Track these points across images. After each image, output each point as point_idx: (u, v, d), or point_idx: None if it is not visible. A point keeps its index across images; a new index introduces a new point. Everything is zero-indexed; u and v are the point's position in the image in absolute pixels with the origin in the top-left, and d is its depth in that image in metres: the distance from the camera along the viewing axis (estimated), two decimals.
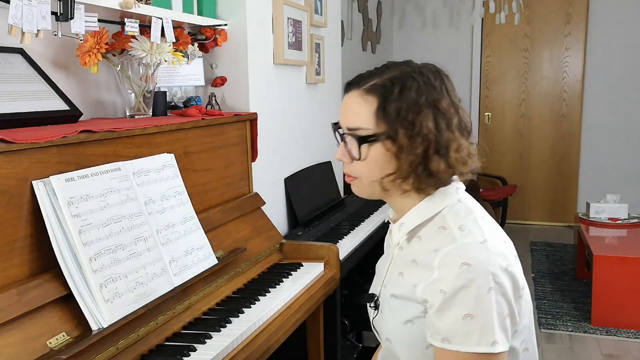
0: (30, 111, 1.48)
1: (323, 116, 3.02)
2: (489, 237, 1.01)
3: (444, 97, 1.05)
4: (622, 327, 3.34)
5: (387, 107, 1.03)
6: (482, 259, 0.97)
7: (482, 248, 0.99)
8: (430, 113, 1.02)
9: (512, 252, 1.05)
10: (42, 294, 1.19)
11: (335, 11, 3.18)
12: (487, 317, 0.96)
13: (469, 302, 0.96)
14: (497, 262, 0.98)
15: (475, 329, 0.95)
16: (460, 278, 0.96)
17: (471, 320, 0.95)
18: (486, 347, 0.95)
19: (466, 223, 1.03)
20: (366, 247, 2.49)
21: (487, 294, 0.96)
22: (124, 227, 1.37)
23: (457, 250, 0.99)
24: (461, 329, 0.96)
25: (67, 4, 1.44)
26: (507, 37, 5.56)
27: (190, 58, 2.02)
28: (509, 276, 0.99)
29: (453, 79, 1.13)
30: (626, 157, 5.36)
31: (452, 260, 0.98)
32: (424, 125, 1.02)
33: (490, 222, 1.08)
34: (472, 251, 0.98)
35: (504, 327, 0.98)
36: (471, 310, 0.95)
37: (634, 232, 3.91)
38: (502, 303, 0.97)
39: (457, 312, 0.96)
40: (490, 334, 0.95)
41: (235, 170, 2.04)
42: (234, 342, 1.41)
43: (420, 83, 1.04)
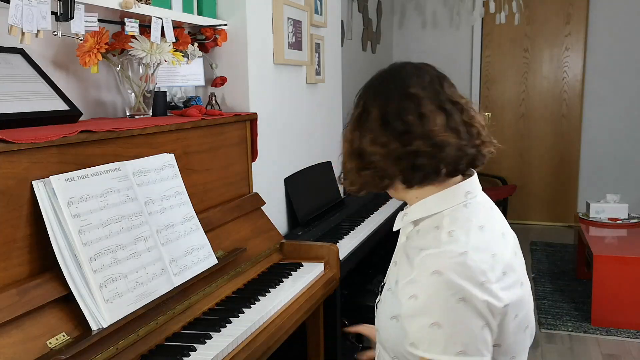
0: (30, 111, 1.48)
1: (323, 116, 3.02)
2: (472, 249, 0.99)
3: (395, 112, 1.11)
4: (622, 327, 3.34)
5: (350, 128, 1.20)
6: (456, 270, 0.96)
7: (459, 259, 0.97)
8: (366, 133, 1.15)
9: (501, 268, 1.01)
10: (42, 294, 1.19)
11: (335, 11, 3.18)
12: (455, 327, 0.95)
13: (437, 311, 0.96)
14: (472, 276, 0.96)
15: (441, 338, 0.95)
16: (430, 286, 0.96)
17: (438, 328, 0.95)
18: (450, 356, 0.95)
19: (457, 230, 1.03)
20: (366, 247, 2.49)
21: (455, 304, 0.95)
22: (123, 227, 1.37)
23: (435, 256, 0.99)
24: (427, 336, 0.96)
25: (67, 4, 1.44)
26: (507, 37, 5.56)
27: (190, 58, 2.02)
28: (485, 292, 0.96)
29: (453, 79, 1.15)
30: (626, 157, 5.36)
31: (427, 265, 0.98)
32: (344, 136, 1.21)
33: (488, 233, 1.05)
34: (447, 260, 0.97)
35: (480, 338, 0.96)
36: (438, 319, 0.95)
37: (634, 232, 3.91)
38: (473, 315, 0.96)
39: (425, 320, 0.96)
40: (456, 344, 0.95)
41: (235, 170, 2.04)
42: (234, 342, 1.41)
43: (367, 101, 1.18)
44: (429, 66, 1.15)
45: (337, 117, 3.27)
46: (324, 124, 3.03)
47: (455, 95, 1.11)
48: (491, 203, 1.15)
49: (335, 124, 3.24)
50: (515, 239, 1.15)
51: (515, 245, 1.13)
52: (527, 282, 1.09)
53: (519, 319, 1.03)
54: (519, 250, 1.15)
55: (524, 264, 1.13)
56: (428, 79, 1.10)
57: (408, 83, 1.10)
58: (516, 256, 1.09)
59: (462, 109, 1.10)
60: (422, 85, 1.09)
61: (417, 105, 1.07)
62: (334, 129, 3.21)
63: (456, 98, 1.10)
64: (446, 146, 1.05)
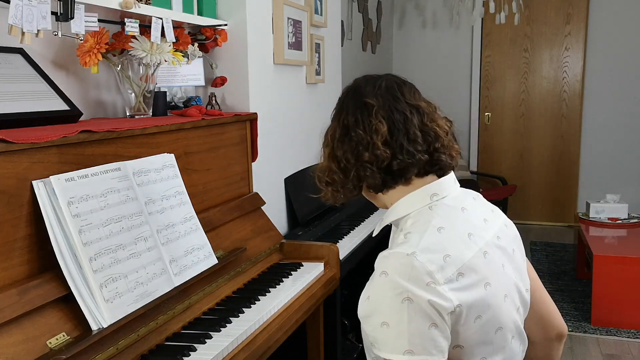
0: (30, 111, 1.48)
1: (323, 116, 3.02)
2: (422, 250, 1.00)
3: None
4: (622, 327, 3.34)
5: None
6: (400, 270, 0.98)
7: (405, 260, 0.99)
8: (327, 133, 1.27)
9: (452, 270, 1.00)
10: (42, 294, 1.19)
11: (335, 11, 3.18)
12: (401, 326, 0.96)
13: (383, 310, 0.98)
14: (417, 277, 0.97)
15: (390, 337, 0.98)
16: (379, 287, 0.99)
17: (387, 328, 0.98)
18: (397, 355, 0.97)
19: (413, 232, 1.05)
20: (366, 247, 2.49)
21: (401, 303, 0.96)
22: (124, 227, 1.37)
23: (385, 257, 1.02)
24: (379, 335, 0.99)
25: (67, 4, 1.44)
26: (507, 37, 5.56)
27: (190, 58, 2.02)
28: (430, 292, 0.97)
29: (453, 79, 1.16)
30: (626, 157, 5.36)
31: (378, 266, 1.02)
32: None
33: (446, 235, 1.05)
34: (394, 261, 1.00)
35: (427, 336, 0.96)
36: (386, 319, 0.98)
37: (634, 232, 3.91)
38: (419, 313, 0.96)
39: (376, 319, 0.99)
40: (403, 343, 0.96)
41: (235, 170, 2.04)
42: (234, 342, 1.41)
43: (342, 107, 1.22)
44: (390, 75, 1.18)
45: None
46: (324, 124, 3.02)
47: (415, 99, 1.13)
48: (464, 204, 1.13)
49: None
50: (502, 236, 1.14)
51: (491, 243, 1.10)
52: (501, 284, 1.07)
53: (484, 321, 1.03)
54: (506, 241, 1.14)
55: (505, 264, 1.11)
56: (384, 86, 1.13)
57: (364, 93, 1.13)
58: (486, 257, 1.07)
59: (422, 112, 1.11)
60: (375, 94, 1.12)
61: (368, 115, 1.11)
62: None
63: (416, 102, 1.12)
64: (385, 159, 1.09)
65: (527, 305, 1.18)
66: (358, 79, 1.19)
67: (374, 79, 1.16)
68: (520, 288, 1.14)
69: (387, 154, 1.08)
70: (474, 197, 1.18)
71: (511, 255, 1.14)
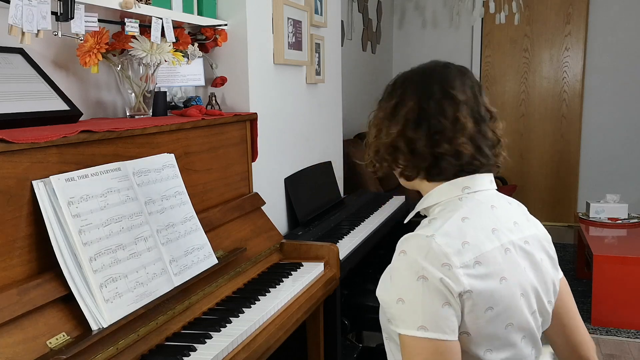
0: (30, 111, 1.48)
1: (323, 116, 3.02)
2: (441, 234, 1.04)
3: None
4: (622, 327, 3.34)
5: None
6: (418, 250, 1.02)
7: (424, 241, 1.03)
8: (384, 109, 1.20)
9: (470, 256, 1.02)
10: (42, 294, 1.19)
11: (335, 11, 3.18)
12: (415, 302, 1.00)
13: (400, 287, 1.02)
14: (434, 257, 1.01)
15: (405, 312, 1.01)
16: (397, 265, 1.04)
17: (402, 304, 1.01)
18: (412, 330, 1.00)
19: (438, 219, 1.09)
20: (366, 247, 2.49)
21: (416, 281, 1.00)
22: (124, 227, 1.37)
23: (406, 239, 1.06)
24: (395, 311, 1.03)
25: (67, 4, 1.44)
26: (507, 37, 5.55)
27: (190, 58, 2.02)
28: (445, 274, 1.00)
29: None
30: (626, 157, 5.36)
31: (399, 247, 1.05)
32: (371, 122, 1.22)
33: (469, 225, 1.07)
34: (413, 242, 1.04)
35: (441, 315, 0.99)
36: (402, 295, 1.01)
37: (634, 232, 3.91)
38: (433, 293, 0.99)
39: (393, 295, 1.03)
40: (417, 319, 0.99)
41: (235, 170, 2.04)
42: (234, 342, 1.41)
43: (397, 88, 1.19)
44: (470, 72, 1.19)
45: (337, 117, 3.27)
46: (324, 124, 3.03)
47: (489, 104, 1.17)
48: (495, 203, 1.15)
49: (335, 124, 3.24)
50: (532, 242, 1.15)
51: (517, 245, 1.11)
52: (519, 282, 1.08)
53: (495, 313, 1.04)
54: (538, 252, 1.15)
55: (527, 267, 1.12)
56: (469, 84, 1.14)
57: (452, 85, 1.13)
58: (507, 254, 1.08)
59: (494, 118, 1.16)
60: (463, 90, 1.13)
61: (454, 108, 1.11)
62: (334, 129, 3.21)
63: (490, 107, 1.16)
64: (465, 155, 1.11)
65: (548, 316, 1.18)
66: (439, 65, 1.17)
67: (459, 72, 1.15)
68: (541, 295, 1.14)
69: (469, 152, 1.11)
70: (509, 202, 1.20)
71: (538, 263, 1.14)
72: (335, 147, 3.21)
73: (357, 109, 4.52)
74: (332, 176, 3.01)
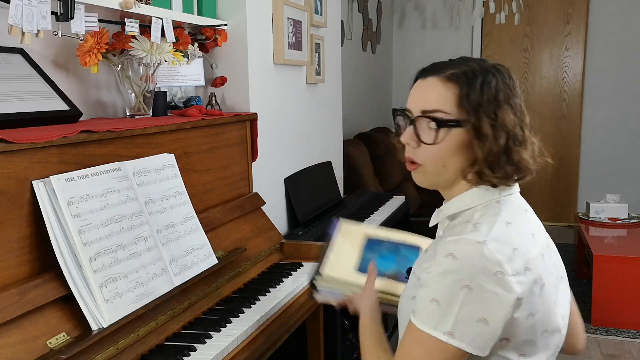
0: (30, 111, 1.48)
1: (323, 116, 3.02)
2: (492, 239, 1.00)
3: (517, 97, 1.10)
4: (622, 327, 3.34)
5: (470, 96, 1.04)
6: (470, 257, 0.97)
7: (476, 247, 0.98)
8: (508, 109, 1.07)
9: (522, 263, 1.01)
10: (42, 294, 1.19)
11: (335, 11, 3.18)
12: (451, 309, 0.97)
13: (440, 289, 0.98)
14: (486, 266, 0.97)
15: (435, 314, 0.98)
16: (442, 265, 0.99)
17: (436, 305, 0.98)
18: (438, 333, 0.97)
19: (483, 222, 1.04)
20: None
21: (459, 289, 0.96)
22: (124, 227, 1.37)
23: (454, 242, 1.01)
24: (426, 308, 0.99)
25: (67, 4, 1.44)
26: (507, 37, 5.56)
27: (190, 58, 2.02)
28: (498, 283, 0.97)
29: None
30: (626, 157, 5.36)
31: (444, 249, 1.01)
32: (505, 119, 1.06)
33: (514, 229, 1.05)
34: (464, 247, 0.99)
35: (473, 329, 0.96)
36: (438, 297, 0.98)
37: (634, 232, 3.91)
38: (473, 304, 0.96)
39: (429, 292, 0.99)
40: (446, 324, 0.97)
41: (235, 170, 2.04)
42: (234, 342, 1.41)
43: (498, 80, 1.07)
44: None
45: (337, 117, 3.27)
46: (324, 124, 3.03)
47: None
48: (527, 206, 1.15)
49: (335, 124, 3.24)
50: (550, 245, 1.16)
51: (547, 248, 1.12)
52: (555, 289, 1.08)
53: (536, 320, 1.03)
54: (553, 255, 1.16)
55: (557, 272, 1.13)
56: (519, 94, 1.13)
57: (514, 85, 1.11)
58: (544, 259, 1.07)
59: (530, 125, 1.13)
60: (519, 93, 1.12)
61: (522, 109, 1.11)
62: (334, 129, 3.21)
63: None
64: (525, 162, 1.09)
65: (568, 318, 1.18)
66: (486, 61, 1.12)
67: (501, 67, 1.12)
68: (568, 298, 1.16)
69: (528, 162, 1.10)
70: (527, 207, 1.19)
71: (557, 264, 1.16)
72: (335, 147, 3.21)
73: (357, 109, 4.52)
74: (332, 176, 3.01)
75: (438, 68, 1.09)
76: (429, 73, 1.09)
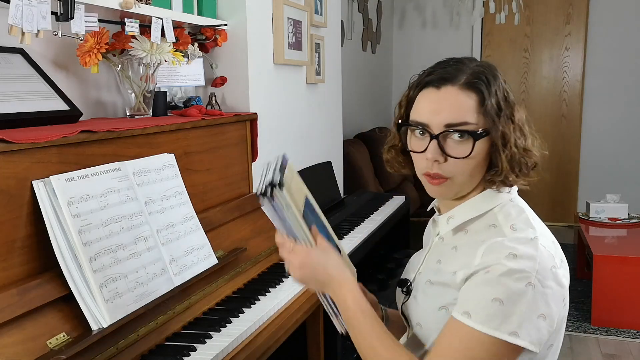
0: (30, 111, 1.48)
1: (323, 116, 3.02)
2: (540, 235, 1.01)
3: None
4: (622, 327, 3.34)
5: (488, 103, 1.02)
6: (531, 254, 0.97)
7: (532, 244, 0.98)
8: (517, 107, 1.06)
9: (560, 255, 1.03)
10: (42, 294, 1.19)
11: (335, 11, 3.19)
12: (516, 308, 0.94)
13: (504, 288, 0.95)
14: (544, 261, 0.97)
15: (499, 314, 0.95)
16: (504, 266, 0.96)
17: (500, 305, 0.95)
18: (503, 334, 0.94)
19: (518, 222, 1.04)
20: (366, 247, 2.49)
21: (524, 287, 0.95)
22: (124, 227, 1.37)
23: (507, 242, 0.99)
24: (486, 308, 0.95)
25: (67, 4, 1.44)
26: (507, 37, 5.56)
27: (190, 58, 2.02)
28: (553, 278, 0.98)
29: None
30: (626, 157, 5.36)
31: (498, 250, 0.98)
32: (520, 120, 1.06)
33: (541, 222, 1.07)
34: (521, 245, 0.98)
35: (534, 325, 0.95)
36: (502, 296, 0.95)
37: (634, 232, 3.91)
38: (537, 301, 0.95)
39: (490, 292, 0.95)
40: (512, 324, 0.94)
41: (235, 170, 2.04)
42: (234, 342, 1.41)
43: (501, 78, 1.07)
44: None
45: (337, 117, 3.27)
46: (324, 124, 3.03)
47: None
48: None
49: (335, 124, 3.24)
50: None
51: None
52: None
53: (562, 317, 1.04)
54: None
55: None
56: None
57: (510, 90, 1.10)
58: None
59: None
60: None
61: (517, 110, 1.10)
62: (334, 129, 3.21)
63: None
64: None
65: None
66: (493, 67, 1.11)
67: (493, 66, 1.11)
68: None
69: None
70: None
71: None
72: (335, 147, 3.21)
73: (357, 109, 4.52)
74: (332, 176, 3.00)
75: (450, 76, 1.04)
76: (442, 82, 1.03)
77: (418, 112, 1.06)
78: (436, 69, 1.06)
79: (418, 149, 1.06)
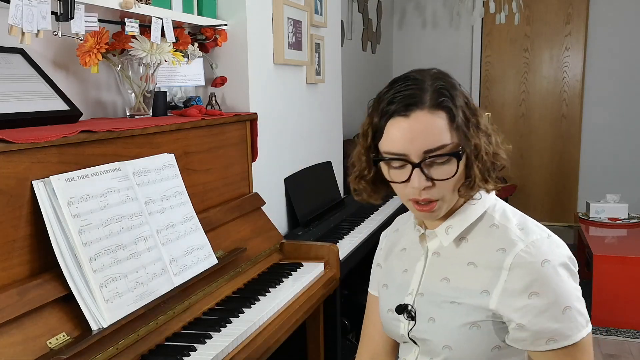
0: (30, 111, 1.48)
1: (323, 116, 3.02)
2: (547, 231, 1.07)
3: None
4: (622, 327, 3.34)
5: (457, 119, 1.01)
6: (556, 252, 1.03)
7: (551, 243, 1.04)
8: (478, 111, 1.06)
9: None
10: (42, 294, 1.19)
11: (335, 11, 3.18)
12: (578, 302, 1.02)
13: (561, 295, 1.00)
14: (565, 253, 1.04)
15: (575, 317, 1.01)
16: (546, 276, 1.00)
17: (569, 311, 1.01)
18: (586, 330, 1.03)
19: (522, 221, 1.08)
20: (366, 247, 2.49)
21: (568, 281, 1.01)
22: (124, 227, 1.37)
23: (530, 249, 1.02)
24: (565, 323, 1.01)
25: (67, 4, 1.44)
26: (507, 37, 5.55)
27: (190, 58, 2.02)
28: (573, 264, 1.05)
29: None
30: (626, 157, 5.35)
31: (529, 261, 1.01)
32: (485, 124, 1.06)
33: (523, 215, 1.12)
34: (545, 247, 1.02)
35: (584, 306, 1.04)
36: (566, 302, 1.00)
37: (634, 232, 3.91)
38: (577, 287, 1.04)
39: (557, 308, 1.00)
40: (584, 315, 1.03)
41: (235, 170, 2.04)
42: (234, 342, 1.41)
43: (458, 85, 1.06)
44: None
45: (337, 117, 3.27)
46: (324, 124, 3.03)
47: None
48: None
49: (335, 124, 3.24)
50: None
51: None
52: None
53: None
54: None
55: None
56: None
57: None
58: None
59: None
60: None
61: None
62: (334, 129, 3.21)
63: None
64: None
65: None
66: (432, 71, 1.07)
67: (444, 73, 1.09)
68: None
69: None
70: None
71: None
72: (335, 147, 3.21)
73: (357, 109, 4.52)
74: (332, 176, 3.01)
75: (414, 100, 1.00)
76: (409, 108, 1.00)
77: (392, 142, 1.02)
78: (395, 95, 1.02)
79: (400, 179, 1.03)
